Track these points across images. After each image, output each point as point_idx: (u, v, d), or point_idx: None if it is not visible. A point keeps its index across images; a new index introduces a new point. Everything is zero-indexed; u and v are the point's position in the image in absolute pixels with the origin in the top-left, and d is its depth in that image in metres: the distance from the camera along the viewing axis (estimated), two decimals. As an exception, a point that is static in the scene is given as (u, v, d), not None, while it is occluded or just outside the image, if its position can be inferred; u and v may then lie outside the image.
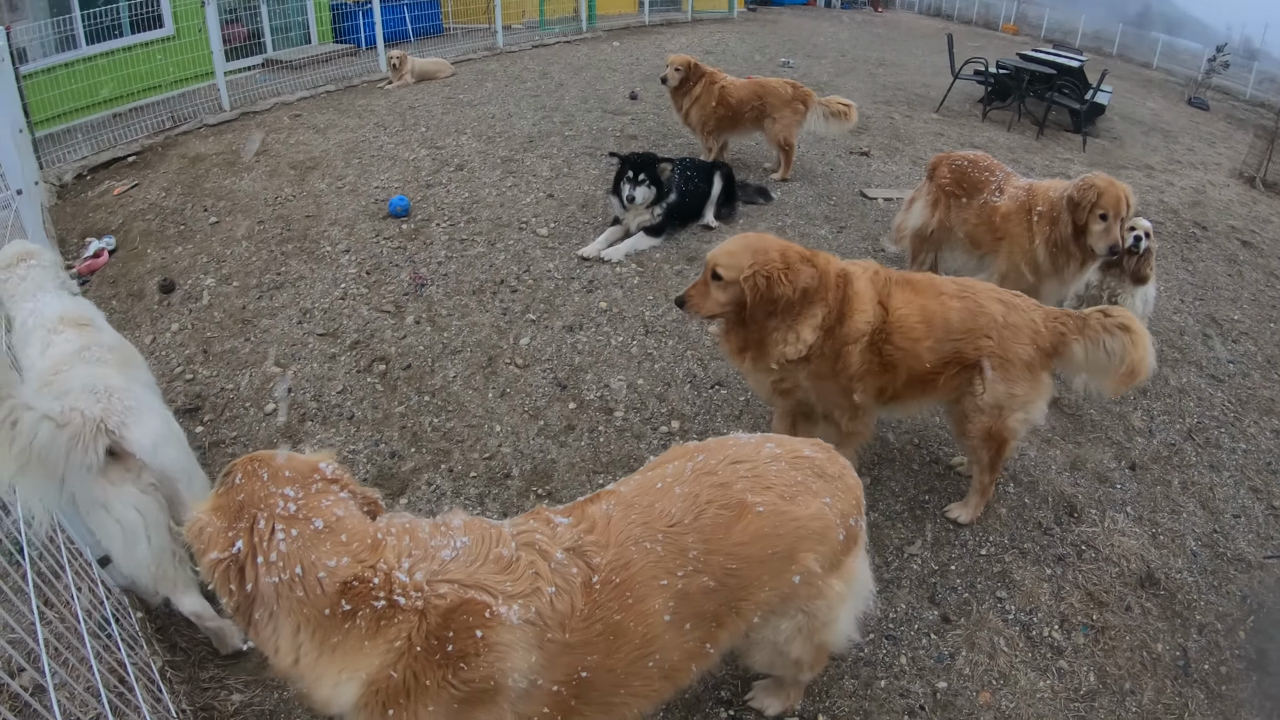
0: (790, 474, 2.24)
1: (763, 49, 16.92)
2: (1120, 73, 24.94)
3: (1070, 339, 3.43)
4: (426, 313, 5.33)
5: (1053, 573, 3.67)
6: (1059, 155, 11.00)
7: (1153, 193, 10.01)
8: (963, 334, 3.37)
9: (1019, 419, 3.49)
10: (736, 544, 2.09)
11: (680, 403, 4.57)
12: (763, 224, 6.91)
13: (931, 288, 3.46)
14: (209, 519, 1.80)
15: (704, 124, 7.99)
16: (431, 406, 4.47)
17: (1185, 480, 4.51)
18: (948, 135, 10.96)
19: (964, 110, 12.99)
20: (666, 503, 2.11)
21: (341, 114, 9.96)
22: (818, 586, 2.25)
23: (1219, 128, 17.80)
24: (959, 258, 5.66)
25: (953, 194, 5.45)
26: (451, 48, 14.64)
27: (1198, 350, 6.02)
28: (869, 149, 9.59)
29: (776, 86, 7.86)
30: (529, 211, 6.83)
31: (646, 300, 5.54)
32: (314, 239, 6.30)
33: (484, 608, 1.82)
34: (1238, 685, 3.31)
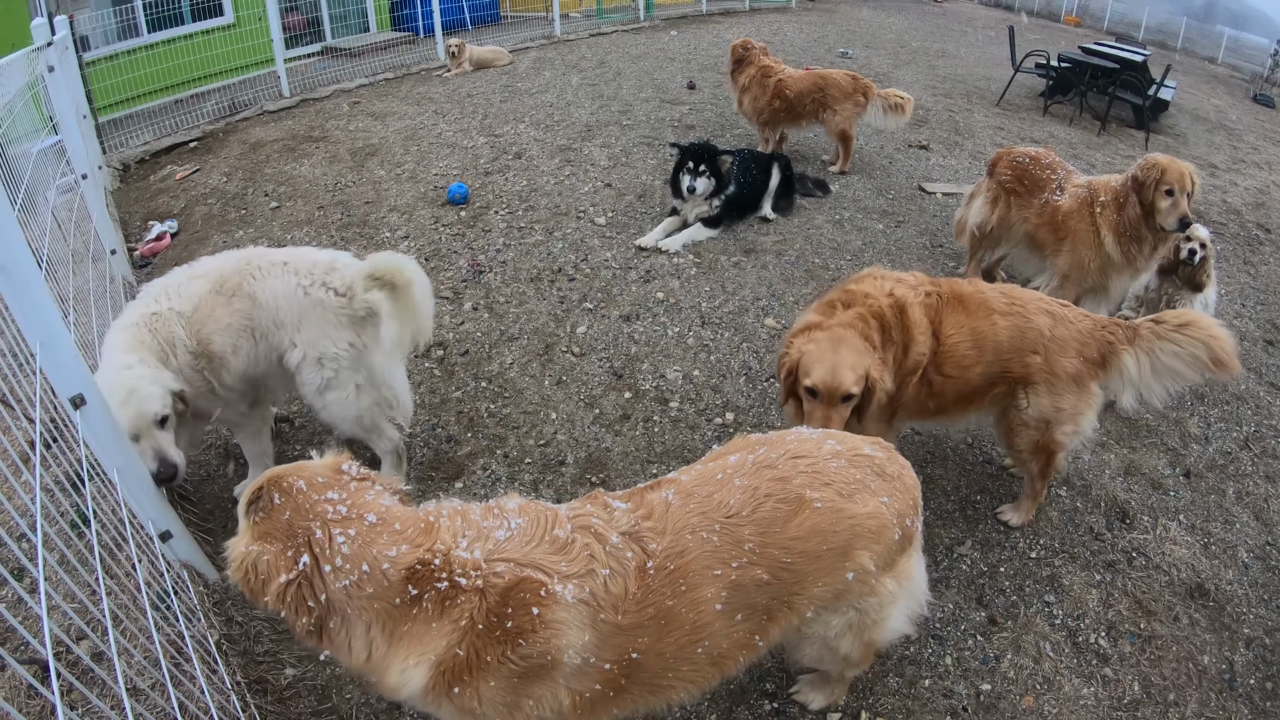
0: (850, 471, 2.20)
1: (821, 39, 16.65)
2: (1184, 68, 24.11)
3: (1120, 349, 3.30)
4: (484, 299, 5.35)
5: (1102, 579, 3.57)
6: (1121, 152, 10.66)
7: (1215, 193, 9.67)
8: (1011, 353, 3.28)
9: (1067, 431, 3.39)
10: (792, 538, 2.07)
11: (735, 395, 4.53)
12: (820, 216, 6.83)
13: (982, 306, 3.32)
14: (258, 549, 1.77)
15: (759, 114, 7.90)
16: (488, 392, 4.48)
17: (1240, 490, 4.35)
18: (1008, 129, 10.68)
19: (1025, 104, 12.64)
20: (725, 494, 2.09)
21: (400, 101, 10.03)
22: (871, 584, 2.22)
23: (1285, 126, 17.14)
24: (1021, 255, 5.52)
25: (1014, 191, 5.31)
26: (509, 36, 14.63)
27: (1258, 357, 5.80)
28: (928, 142, 9.39)
29: (837, 78, 7.72)
30: (587, 200, 6.81)
31: (703, 291, 5.50)
32: (373, 225, 6.35)
33: (540, 585, 1.83)
34: (1283, 701, 3.21)
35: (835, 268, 5.95)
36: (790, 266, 5.91)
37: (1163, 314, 3.37)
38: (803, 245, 6.26)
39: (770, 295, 5.50)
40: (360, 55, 13.03)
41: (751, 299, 5.44)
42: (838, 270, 5.90)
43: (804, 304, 5.36)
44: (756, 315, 5.25)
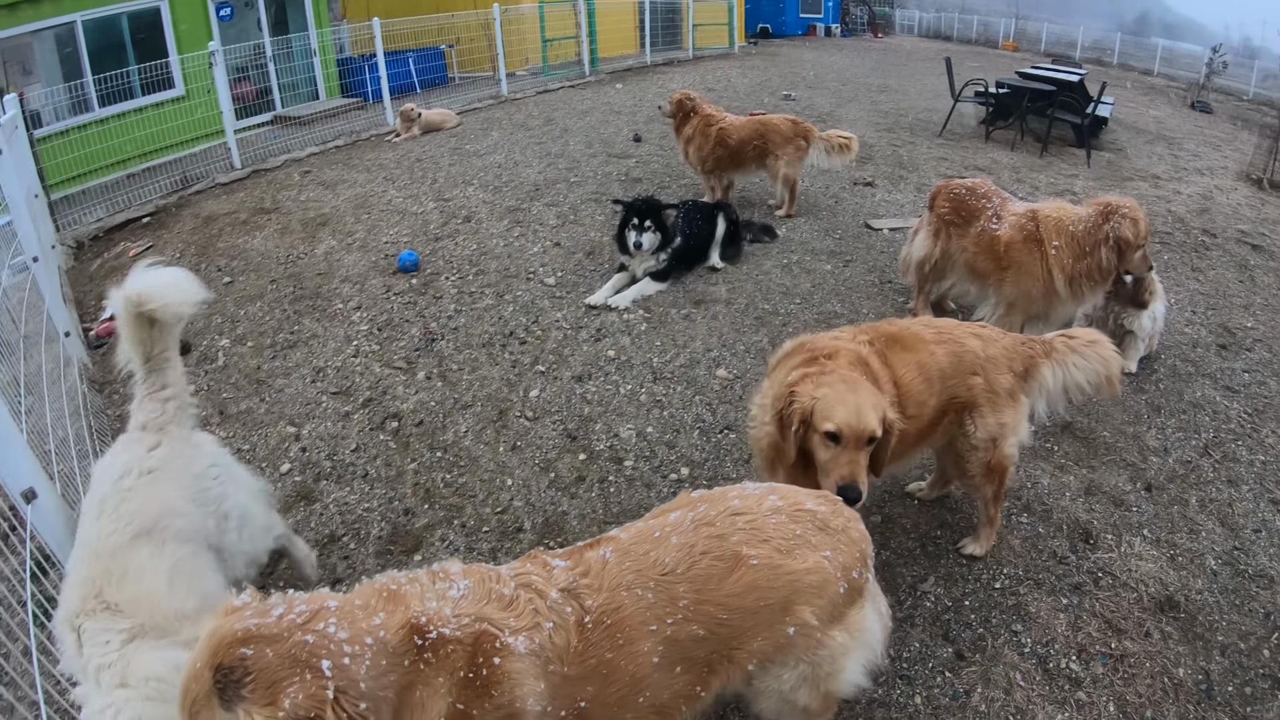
0: (790, 527, 2.24)
1: (765, 83, 17.07)
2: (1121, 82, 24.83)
3: (1040, 362, 3.47)
4: (437, 368, 5.39)
5: (1069, 602, 3.61)
6: (1064, 172, 10.95)
7: (1159, 203, 9.94)
8: (955, 378, 3.36)
9: (1012, 444, 3.49)
10: (729, 595, 2.11)
11: (690, 449, 4.58)
12: (768, 262, 6.95)
13: (917, 340, 3.41)
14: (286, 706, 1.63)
15: (703, 162, 8.06)
16: (444, 462, 4.50)
17: (1203, 498, 4.43)
18: (952, 159, 10.97)
19: (967, 132, 12.99)
20: (661, 551, 2.14)
21: (350, 169, 10.16)
22: (816, 638, 2.25)
23: (1223, 130, 17.64)
24: (965, 285, 5.65)
25: (953, 222, 5.47)
26: (457, 97, 14.92)
27: (1212, 362, 5.94)
28: (873, 179, 9.61)
29: (778, 124, 7.91)
30: (536, 261, 6.90)
31: (654, 346, 5.57)
32: (326, 297, 6.40)
33: (495, 638, 1.88)
34: (1263, 705, 3.22)
35: (785, 313, 6.05)
36: (740, 315, 6.00)
37: (1073, 330, 3.60)
38: (752, 292, 6.36)
39: (721, 345, 5.58)
40: (311, 123, 13.26)
41: (703, 350, 5.52)
42: (788, 315, 6.01)
43: (755, 352, 5.46)
44: (708, 367, 5.32)
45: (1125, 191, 10.37)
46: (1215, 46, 26.90)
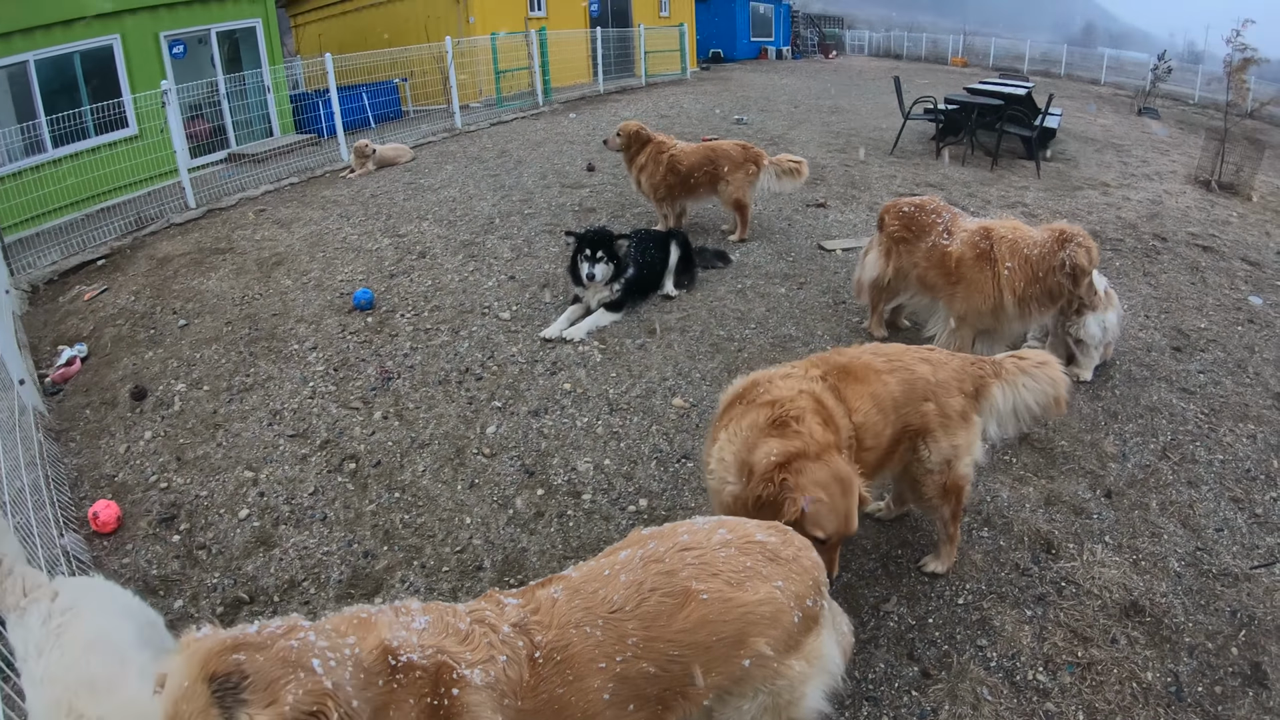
0: (740, 559, 2.26)
1: (717, 108, 17.28)
2: (1070, 92, 25.42)
3: (990, 382, 3.53)
4: (394, 407, 5.37)
5: (1033, 614, 3.64)
6: (1015, 184, 11.16)
7: (1110, 210, 10.15)
8: (908, 405, 3.40)
9: (967, 463, 3.53)
10: (679, 631, 2.12)
11: (647, 480, 4.58)
12: (722, 288, 7.00)
13: (868, 370, 3.43)
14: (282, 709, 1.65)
15: (654, 190, 8.13)
16: (402, 503, 4.48)
17: (1163, 501, 4.50)
18: (903, 177, 11.15)
19: (918, 149, 13.21)
20: (610, 590, 2.16)
21: (305, 206, 10.16)
22: (774, 668, 2.25)
23: (1171, 134, 18.08)
24: (917, 301, 5.73)
25: (903, 239, 5.55)
26: (411, 131, 14.95)
27: (1167, 365, 6.05)
28: (825, 200, 9.74)
29: (727, 149, 8.00)
30: (491, 295, 6.91)
31: (610, 378, 5.58)
32: (281, 337, 6.37)
33: (453, 669, 1.91)
34: (1234, 703, 3.26)
35: (741, 338, 6.09)
36: (695, 343, 6.03)
37: (1024, 352, 3.66)
38: (707, 319, 6.40)
39: (677, 374, 5.61)
40: (265, 160, 13.23)
41: (659, 380, 5.54)
42: (743, 341, 6.05)
43: (710, 380, 5.49)
44: (664, 396, 5.34)
45: (1076, 200, 10.61)
46: (1160, 54, 27.55)
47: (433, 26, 20.31)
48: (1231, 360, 6.27)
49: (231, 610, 3.78)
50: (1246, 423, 5.39)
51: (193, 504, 4.58)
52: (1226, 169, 12.58)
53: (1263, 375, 6.09)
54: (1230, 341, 6.61)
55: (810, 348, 5.93)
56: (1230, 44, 12.87)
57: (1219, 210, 11.12)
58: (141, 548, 4.26)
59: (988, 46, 40.46)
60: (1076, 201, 10.57)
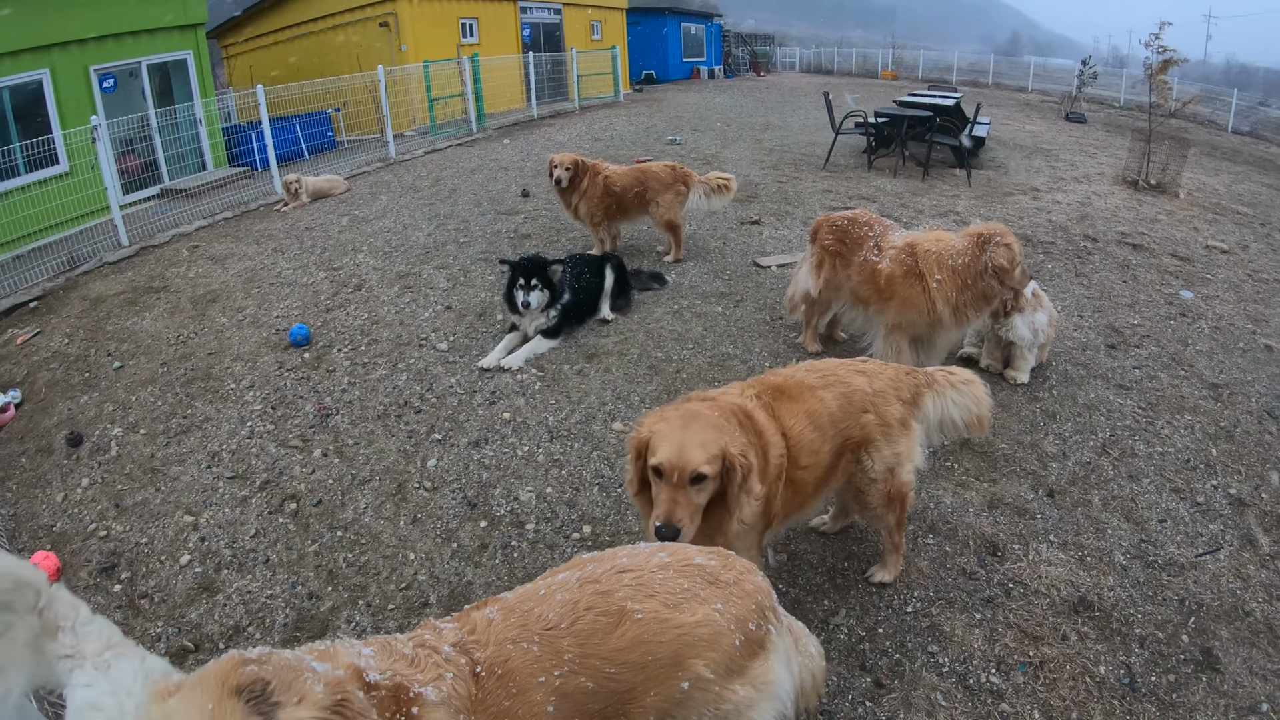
0: (678, 582, 2.27)
1: (650, 129, 17.49)
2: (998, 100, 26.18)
3: (923, 391, 3.63)
4: (333, 444, 5.31)
5: (983, 616, 3.71)
6: (946, 193, 11.46)
7: (1040, 214, 10.46)
8: (846, 420, 3.44)
9: (909, 470, 3.59)
10: (614, 649, 2.14)
11: (590, 506, 4.59)
12: (659, 309, 7.07)
13: (802, 388, 3.47)
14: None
15: (592, 216, 8.20)
16: (345, 541, 4.42)
17: (1105, 496, 4.62)
18: (836, 191, 11.38)
19: (850, 163, 13.51)
20: (545, 608, 2.19)
21: (239, 241, 10.05)
22: (715, 692, 2.25)
23: (1098, 137, 18.72)
24: (850, 312, 5.83)
25: (837, 253, 5.66)
26: (345, 161, 14.90)
27: (1102, 362, 6.23)
28: (759, 217, 9.90)
29: (657, 170, 8.11)
30: (428, 327, 6.89)
31: (549, 405, 5.59)
32: (218, 377, 6.28)
33: (408, 689, 1.92)
34: (1188, 690, 3.35)
35: (679, 359, 6.14)
36: (633, 365, 6.07)
37: (951, 368, 3.75)
38: (644, 341, 6.45)
39: (616, 398, 5.63)
40: (199, 195, 13.06)
41: (598, 405, 5.56)
42: (681, 362, 6.10)
43: (650, 402, 5.52)
44: (604, 421, 5.36)
45: (1007, 205, 10.91)
46: (1084, 59, 28.55)
47: (365, 55, 20.40)
48: (1166, 354, 6.48)
49: (177, 660, 3.67)
50: (1183, 414, 5.57)
51: (133, 552, 4.48)
52: (1153, 168, 13.06)
53: (1197, 367, 6.31)
54: (1163, 336, 6.84)
55: (748, 365, 6.02)
56: (1149, 47, 13.39)
57: (1147, 209, 11.52)
58: (83, 599, 4.11)
59: (917, 59, 41.64)
60: (1007, 207, 10.88)
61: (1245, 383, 6.14)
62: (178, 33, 15.12)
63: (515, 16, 24.59)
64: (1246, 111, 31.07)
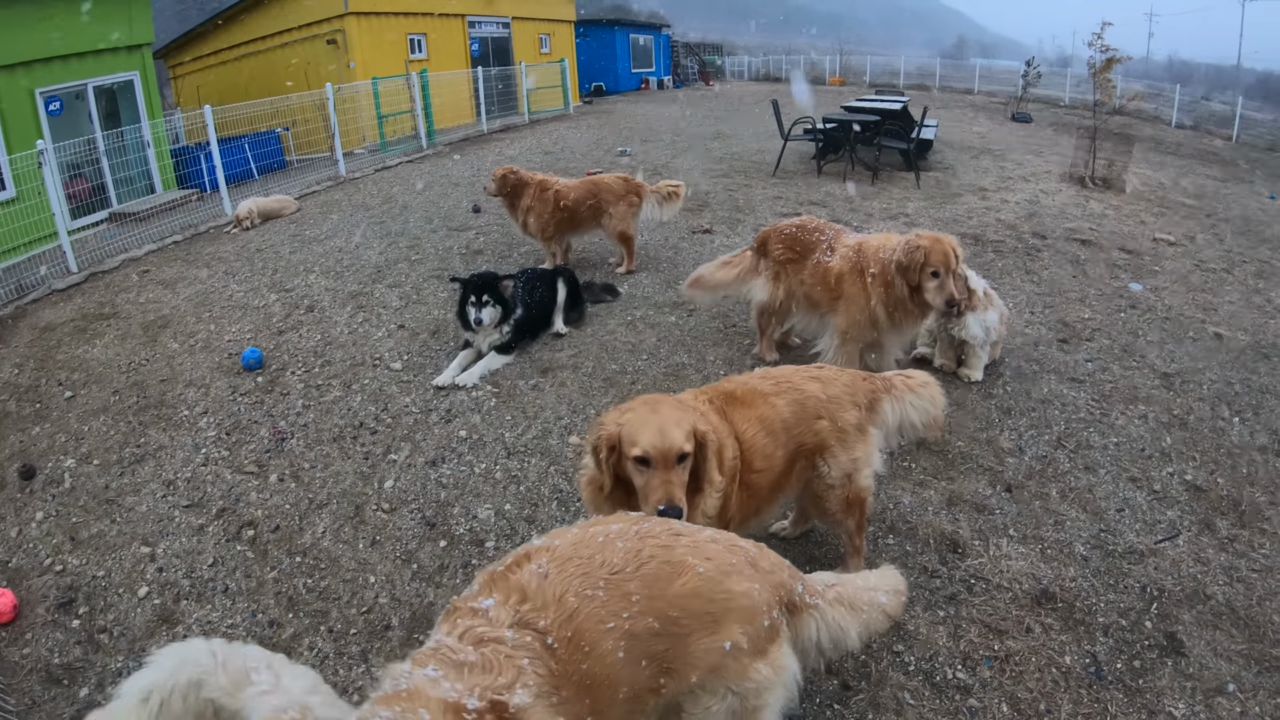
0: (727, 555, 2.36)
1: (600, 141, 17.58)
2: (945, 103, 26.63)
3: (881, 397, 3.67)
4: (289, 468, 5.25)
5: (946, 614, 3.76)
6: (896, 196, 11.63)
7: (989, 213, 10.65)
8: (800, 425, 3.48)
9: (867, 475, 3.63)
10: (677, 595, 2.22)
11: (550, 522, 4.58)
12: (612, 321, 7.09)
13: (755, 394, 3.51)
14: None
15: (543, 230, 8.21)
16: (304, 567, 4.37)
17: (1063, 488, 4.72)
18: (786, 197, 11.51)
19: (800, 169, 13.67)
20: (608, 554, 2.23)
21: (190, 265, 9.93)
22: (744, 664, 2.32)
23: (1044, 136, 19.13)
24: (805, 319, 5.89)
25: (789, 261, 5.71)
26: (295, 181, 14.80)
27: (1055, 357, 6.36)
28: (710, 225, 9.98)
29: (609, 182, 8.15)
30: (382, 346, 6.85)
31: (505, 421, 5.58)
32: (171, 404, 6.19)
33: (504, 704, 1.91)
34: (1154, 675, 3.42)
35: (633, 370, 6.16)
36: (588, 379, 6.08)
37: (909, 372, 3.81)
38: (599, 354, 6.47)
39: (571, 412, 5.64)
40: (148, 219, 12.88)
41: (554, 419, 5.56)
42: (636, 373, 6.13)
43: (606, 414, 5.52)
44: (560, 435, 5.36)
45: (956, 206, 11.11)
46: (1028, 60, 29.14)
47: (313, 73, 20.35)
48: (1117, 346, 6.63)
49: (140, 697, 3.61)
50: (1137, 404, 5.71)
51: (90, 586, 4.39)
52: (1099, 164, 13.37)
53: (1148, 357, 6.46)
54: (1114, 328, 7.00)
55: (703, 374, 6.05)
56: (1093, 46, 13.72)
57: (1095, 205, 11.78)
58: (41, 636, 4.07)
59: (864, 65, 42.25)
60: (957, 208, 11.08)
61: (1197, 371, 6.30)
62: (124, 53, 15.04)
63: (464, 31, 24.65)
64: (1189, 106, 31.96)
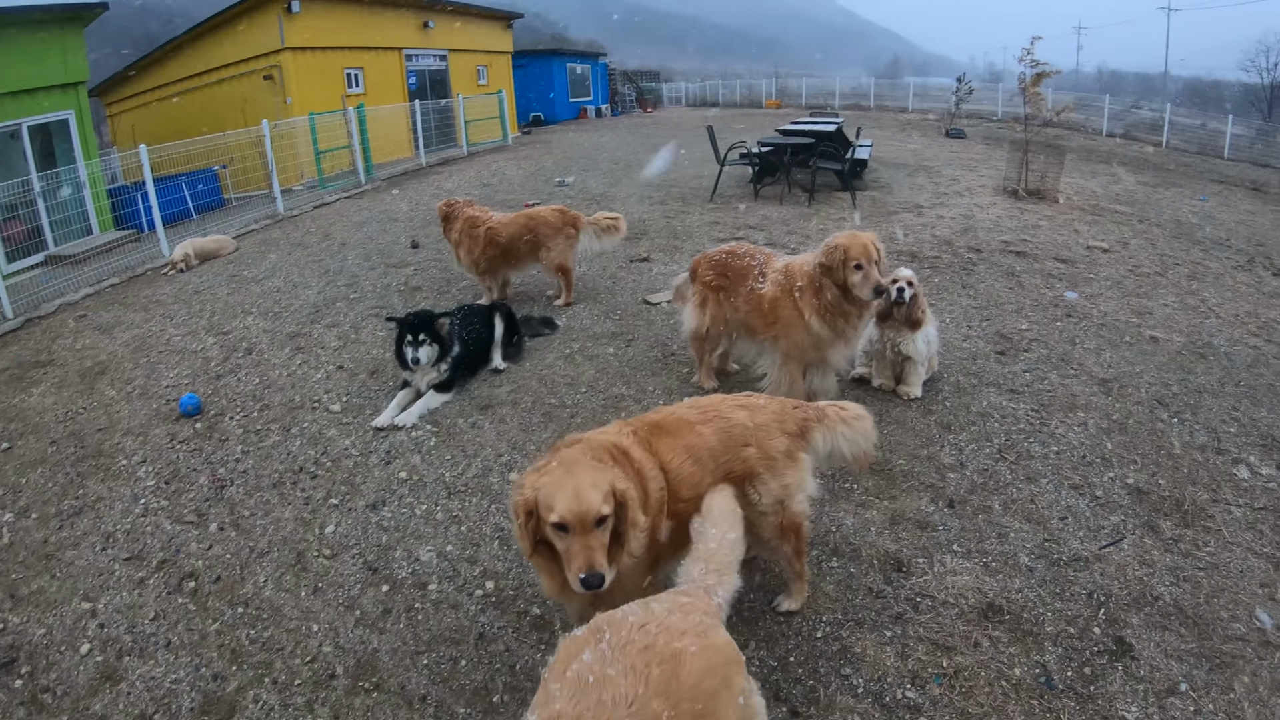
0: (690, 619, 2.35)
1: (539, 171, 17.68)
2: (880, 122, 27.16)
3: (812, 425, 3.68)
4: (229, 516, 5.15)
5: (893, 633, 3.77)
6: (832, 217, 11.81)
7: (925, 229, 10.85)
8: (727, 453, 3.50)
9: (800, 500, 3.65)
10: (690, 689, 2.19)
11: (492, 562, 4.54)
12: (551, 355, 7.09)
13: (681, 424, 3.53)
14: None
15: (475, 265, 8.21)
16: (247, 618, 4.28)
17: (1005, 500, 4.78)
18: (723, 223, 11.64)
19: (737, 193, 13.86)
20: (611, 690, 2.17)
21: (127, 309, 9.75)
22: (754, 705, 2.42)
23: (978, 151, 19.57)
24: (743, 344, 5.95)
25: (720, 288, 5.76)
26: (233, 220, 14.64)
27: (993, 369, 6.47)
28: (648, 254, 10.06)
29: (546, 216, 8.17)
30: (320, 388, 6.78)
31: (445, 461, 5.54)
32: (109, 453, 6.05)
33: None
34: (1106, 681, 3.47)
35: (573, 404, 6.16)
36: (527, 414, 6.06)
37: (844, 404, 3.81)
38: (537, 388, 6.45)
39: (512, 449, 5.61)
40: (85, 261, 12.65)
41: (494, 457, 5.53)
42: (575, 406, 6.12)
43: (546, 450, 5.46)
44: (501, 473, 5.33)
45: (892, 224, 11.32)
46: (960, 77, 29.87)
47: (250, 109, 20.20)
48: (1054, 355, 6.77)
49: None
50: (1075, 412, 5.83)
51: (32, 644, 4.25)
52: (1032, 176, 13.71)
53: (1085, 364, 6.61)
54: (1051, 338, 7.15)
55: (642, 405, 6.05)
56: (1023, 62, 14.11)
57: (1029, 216, 12.07)
58: None
59: (800, 87, 43.00)
60: (892, 226, 11.29)
61: (1134, 375, 6.45)
62: (58, 92, 14.91)
63: (401, 65, 24.70)
64: (1120, 114, 33.02)
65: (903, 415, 5.77)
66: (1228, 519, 4.67)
